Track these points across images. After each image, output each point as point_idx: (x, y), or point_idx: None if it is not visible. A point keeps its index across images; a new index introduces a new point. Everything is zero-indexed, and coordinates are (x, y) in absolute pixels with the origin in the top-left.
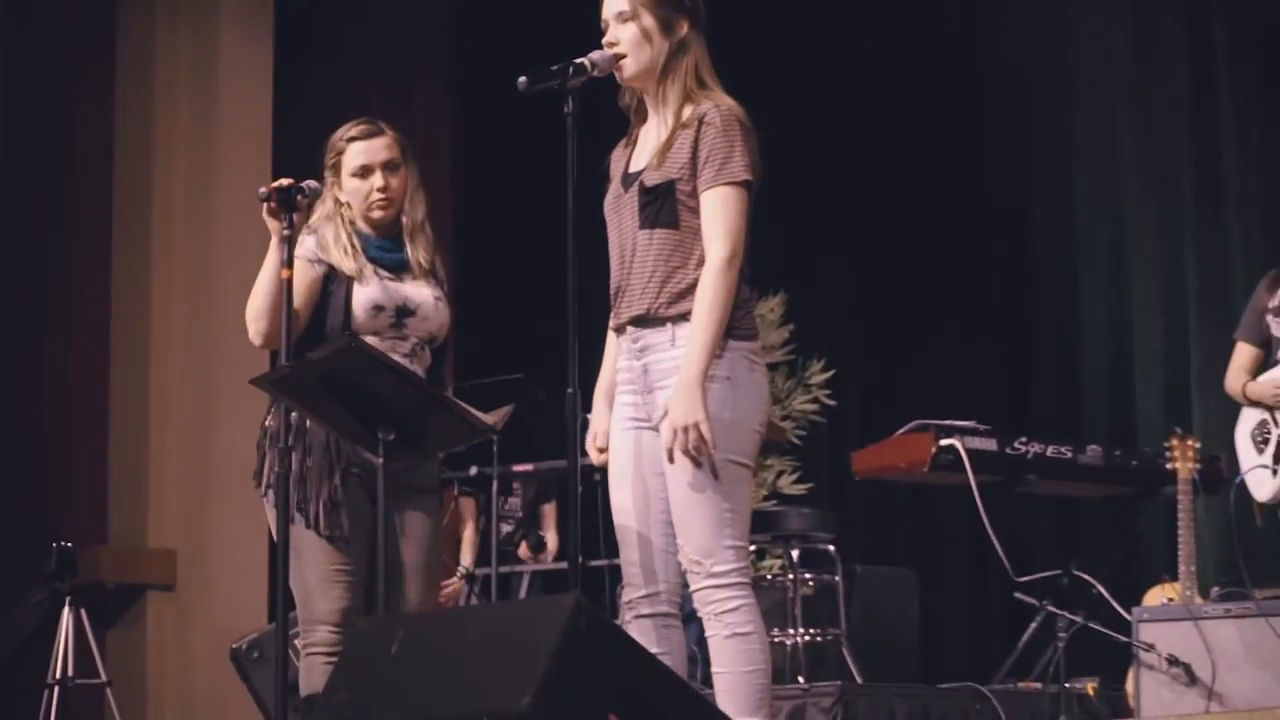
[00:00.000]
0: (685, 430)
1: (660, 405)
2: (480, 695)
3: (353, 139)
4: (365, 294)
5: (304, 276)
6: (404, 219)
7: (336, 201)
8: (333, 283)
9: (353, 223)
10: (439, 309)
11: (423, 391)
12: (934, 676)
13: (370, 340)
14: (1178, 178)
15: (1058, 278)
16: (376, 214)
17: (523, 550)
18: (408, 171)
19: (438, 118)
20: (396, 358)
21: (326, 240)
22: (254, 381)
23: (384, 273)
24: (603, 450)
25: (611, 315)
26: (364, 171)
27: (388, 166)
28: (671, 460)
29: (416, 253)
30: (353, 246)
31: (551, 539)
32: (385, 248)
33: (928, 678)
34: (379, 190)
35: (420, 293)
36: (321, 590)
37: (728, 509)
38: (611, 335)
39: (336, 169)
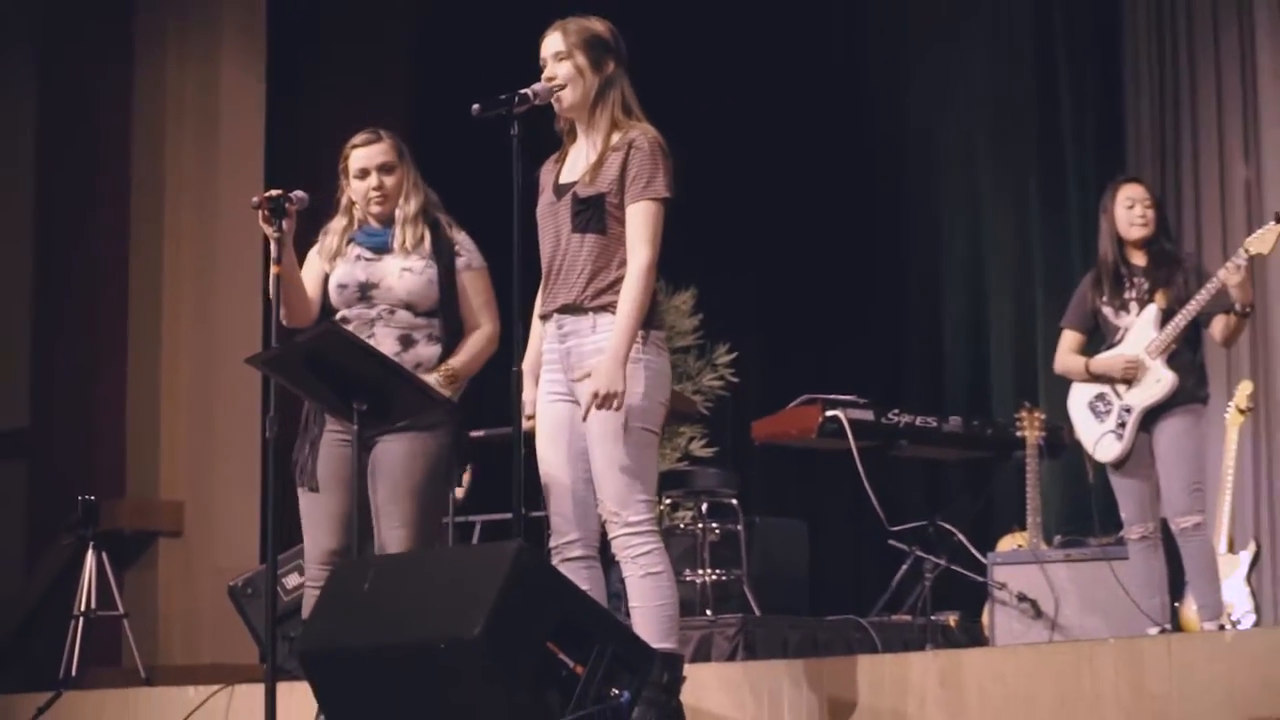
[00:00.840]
0: (605, 397)
1: (580, 373)
2: (439, 626)
3: (355, 146)
4: (334, 277)
5: (311, 269)
6: (398, 210)
7: (348, 200)
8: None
9: (361, 219)
10: (405, 278)
11: (390, 369)
12: (820, 610)
13: (344, 312)
14: (1026, 186)
15: (926, 273)
16: (375, 209)
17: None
18: (403, 171)
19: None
20: (364, 325)
21: (333, 233)
22: (248, 360)
23: (367, 254)
24: (530, 418)
25: (539, 304)
26: (362, 173)
27: (382, 168)
28: (584, 419)
29: (404, 235)
30: (342, 237)
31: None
32: (370, 233)
33: (815, 611)
34: (374, 189)
35: (386, 268)
36: (310, 533)
37: (641, 470)
38: (537, 321)
39: (345, 173)
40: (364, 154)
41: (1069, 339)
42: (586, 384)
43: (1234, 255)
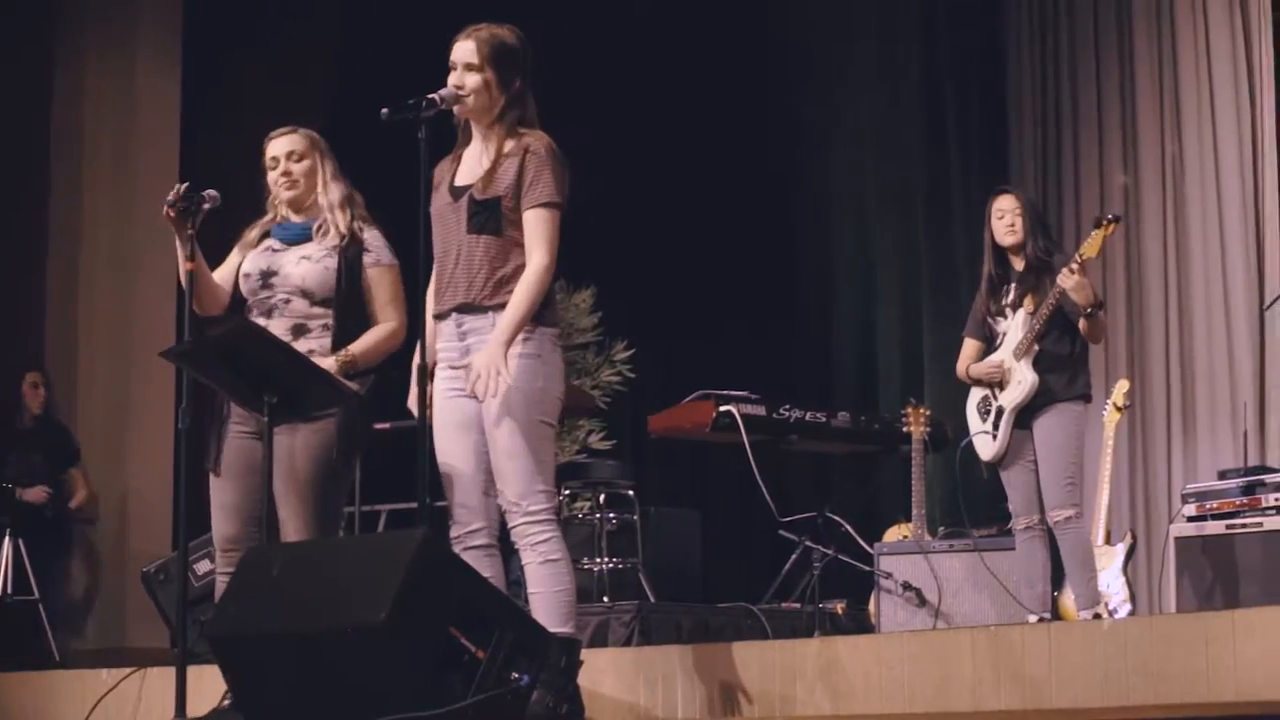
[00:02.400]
0: (486, 373)
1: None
2: (345, 611)
3: (270, 138)
4: (243, 267)
5: (230, 261)
6: (321, 199)
7: (272, 196)
8: None
9: (283, 215)
10: (302, 265)
11: (299, 362)
12: (713, 597)
13: (250, 303)
14: (914, 193)
15: (817, 277)
16: (284, 194)
17: None
18: (315, 162)
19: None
20: (262, 313)
21: (257, 227)
22: (162, 354)
23: (277, 245)
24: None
25: (432, 303)
26: (274, 162)
27: (290, 156)
28: (468, 393)
29: (328, 225)
30: (262, 230)
31: None
32: (288, 227)
33: (707, 598)
34: (282, 175)
35: (287, 257)
36: (215, 521)
37: (539, 460)
38: (430, 321)
39: (264, 168)
40: (276, 144)
41: (967, 347)
42: (471, 366)
43: (1070, 261)
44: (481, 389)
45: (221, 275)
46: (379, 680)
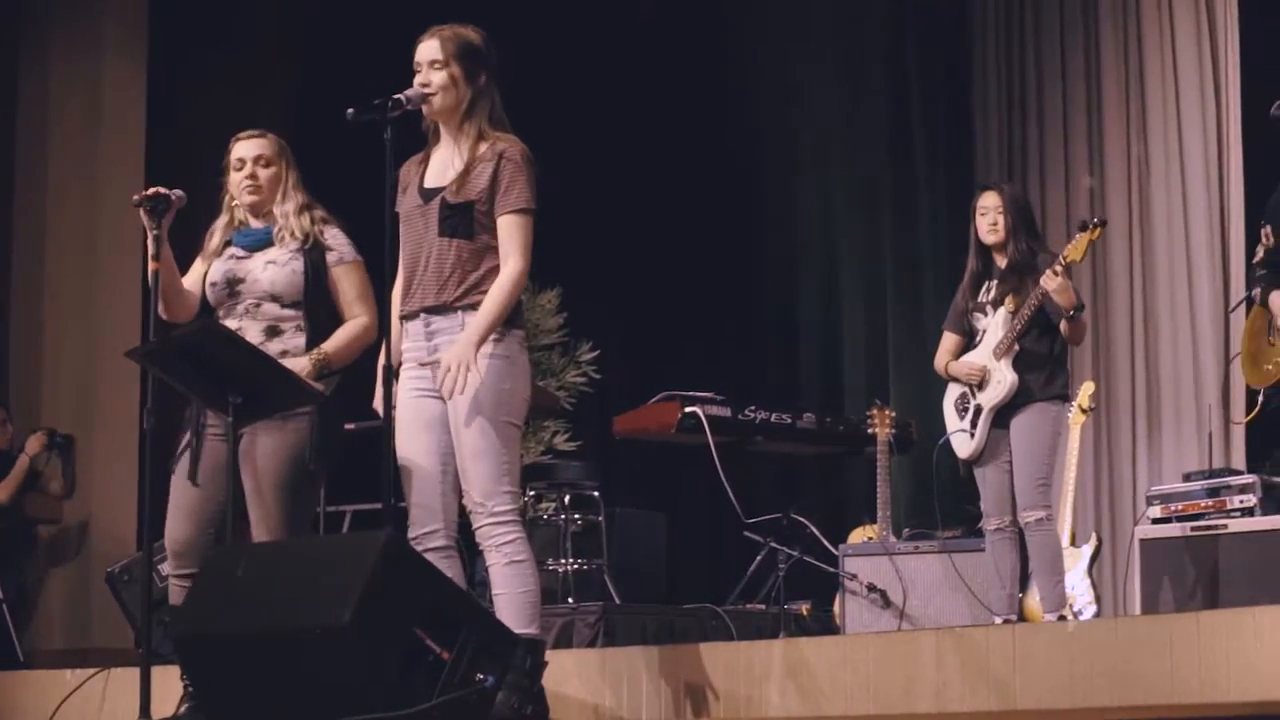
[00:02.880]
0: (457, 368)
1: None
2: (309, 612)
3: (238, 139)
4: (209, 275)
5: (195, 269)
6: (277, 209)
7: (229, 198)
8: None
9: (242, 219)
10: (269, 270)
11: (263, 363)
12: (678, 599)
13: (219, 312)
14: (879, 194)
15: (783, 278)
16: (247, 198)
17: None
18: (280, 170)
19: (277, 132)
20: (233, 319)
21: (216, 232)
22: (128, 354)
23: (240, 252)
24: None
25: (399, 304)
26: (240, 164)
27: (258, 160)
28: (439, 387)
29: (284, 232)
30: (223, 236)
31: None
32: (248, 233)
33: (673, 600)
34: (248, 178)
35: (252, 263)
36: (172, 522)
37: (505, 461)
38: (397, 321)
39: (228, 167)
40: (244, 146)
41: (946, 340)
42: (441, 363)
43: (1053, 263)
44: (450, 384)
45: (189, 282)
46: (344, 681)
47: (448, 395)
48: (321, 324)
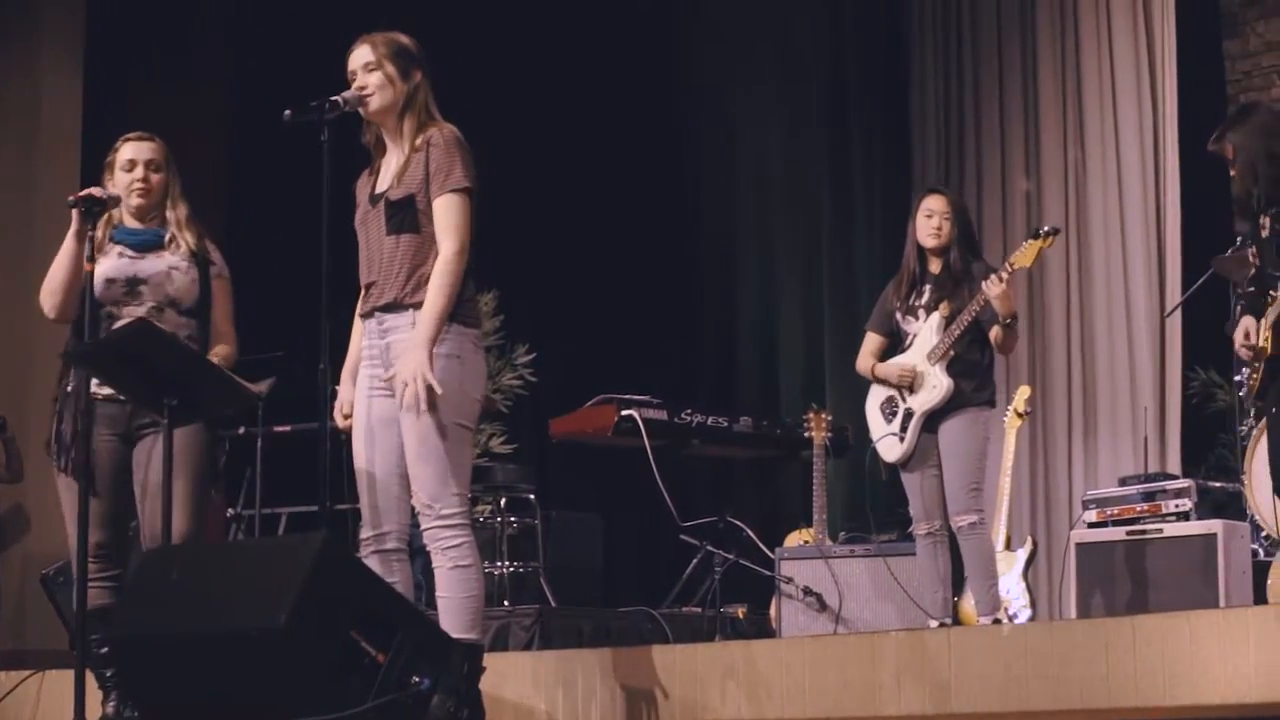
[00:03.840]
0: (413, 381)
1: (389, 375)
2: (245, 614)
3: (127, 140)
4: (100, 271)
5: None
6: (169, 214)
7: (103, 187)
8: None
9: (119, 218)
10: (174, 276)
11: (201, 364)
12: (614, 602)
13: (111, 308)
14: (816, 197)
15: (720, 283)
16: (135, 200)
17: None
18: (169, 176)
19: (216, 136)
20: (127, 318)
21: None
22: (63, 355)
23: (129, 252)
24: (347, 417)
25: (360, 305)
26: (130, 165)
27: (150, 164)
28: (401, 407)
29: (180, 238)
30: (104, 233)
31: None
32: (131, 231)
33: (609, 602)
34: (139, 180)
35: (156, 265)
36: (85, 528)
37: (454, 463)
38: (358, 321)
39: (111, 166)
40: (136, 147)
41: (869, 341)
42: (395, 379)
43: (999, 269)
44: (410, 400)
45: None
46: (279, 683)
47: (407, 410)
48: (207, 333)
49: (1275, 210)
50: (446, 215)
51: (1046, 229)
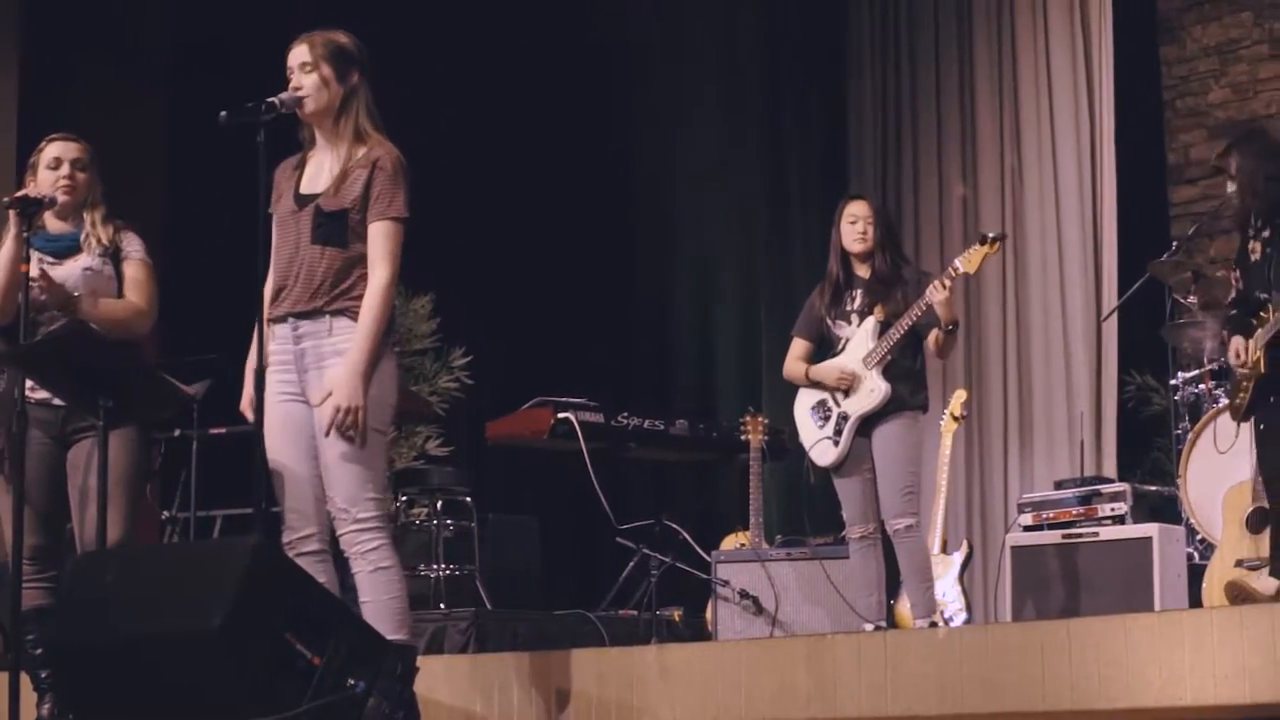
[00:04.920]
0: (348, 411)
1: (317, 382)
2: (180, 617)
3: (53, 140)
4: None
5: None
6: (86, 215)
7: (22, 187)
8: None
9: (39, 224)
10: (88, 276)
11: (137, 366)
12: (550, 605)
13: (33, 315)
14: (753, 202)
15: (657, 286)
16: (61, 198)
17: None
18: (92, 178)
19: (153, 138)
20: (46, 323)
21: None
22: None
23: (48, 259)
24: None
25: (269, 307)
26: (56, 163)
27: (76, 164)
28: (326, 434)
29: (91, 239)
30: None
31: None
32: (50, 238)
33: (545, 605)
34: (65, 178)
35: (73, 269)
36: (21, 531)
37: (370, 468)
38: (266, 323)
39: (34, 167)
40: (61, 146)
41: (797, 346)
42: (328, 402)
43: (943, 274)
44: (342, 429)
45: None
46: (214, 686)
47: (338, 435)
48: None
49: (1269, 234)
50: (382, 243)
51: (993, 235)
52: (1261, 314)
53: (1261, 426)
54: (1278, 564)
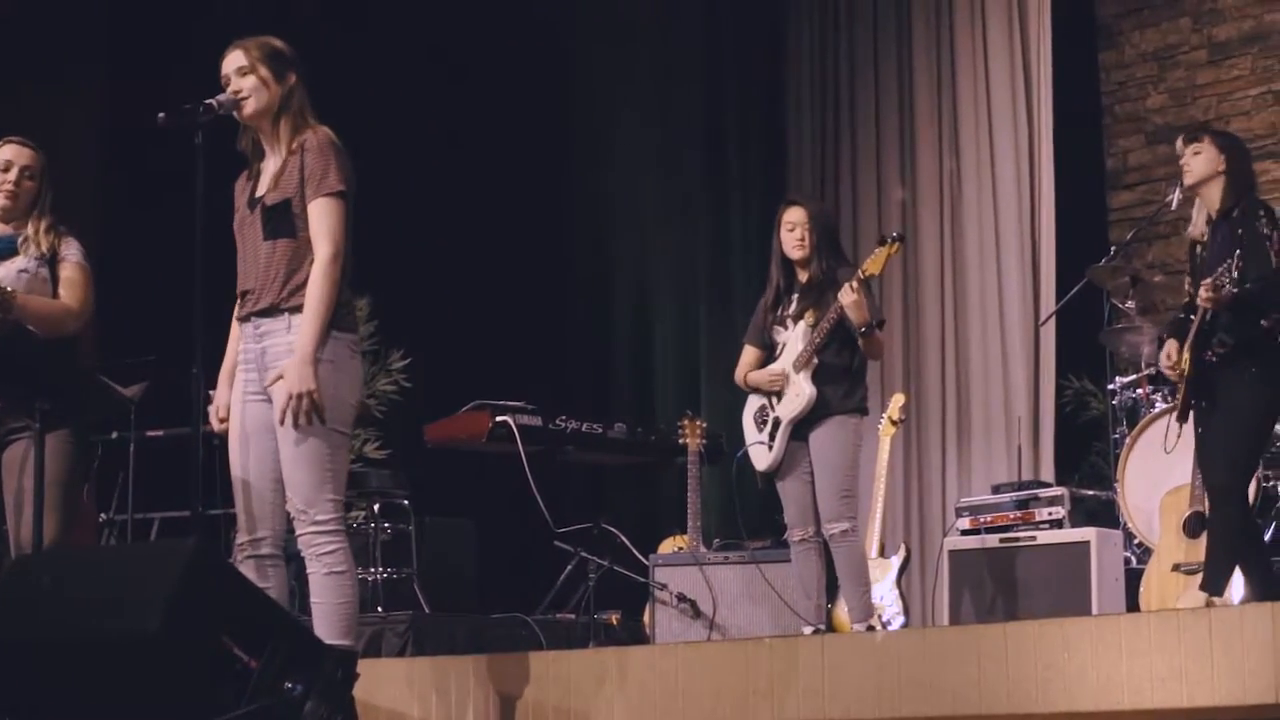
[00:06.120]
0: (298, 397)
1: (272, 377)
2: (117, 620)
3: (9, 142)
4: None
5: None
6: (31, 224)
7: None
8: None
9: None
10: (21, 278)
11: (74, 368)
12: (488, 608)
13: None
14: (693, 211)
15: (596, 289)
16: (2, 201)
17: None
18: (40, 186)
19: (91, 139)
20: None
21: None
22: None
23: None
24: (223, 420)
25: (237, 309)
26: (7, 166)
27: (25, 170)
28: (282, 423)
29: (30, 244)
30: None
31: None
32: None
33: (482, 609)
34: (10, 183)
35: (7, 269)
36: None
37: (329, 469)
38: (235, 325)
39: None
40: (15, 150)
41: (746, 353)
42: (279, 386)
43: (850, 278)
44: (293, 416)
45: None
46: (151, 689)
47: (290, 423)
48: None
49: (1203, 241)
50: (321, 220)
51: (894, 235)
52: (1193, 317)
53: (1199, 430)
54: (1210, 578)
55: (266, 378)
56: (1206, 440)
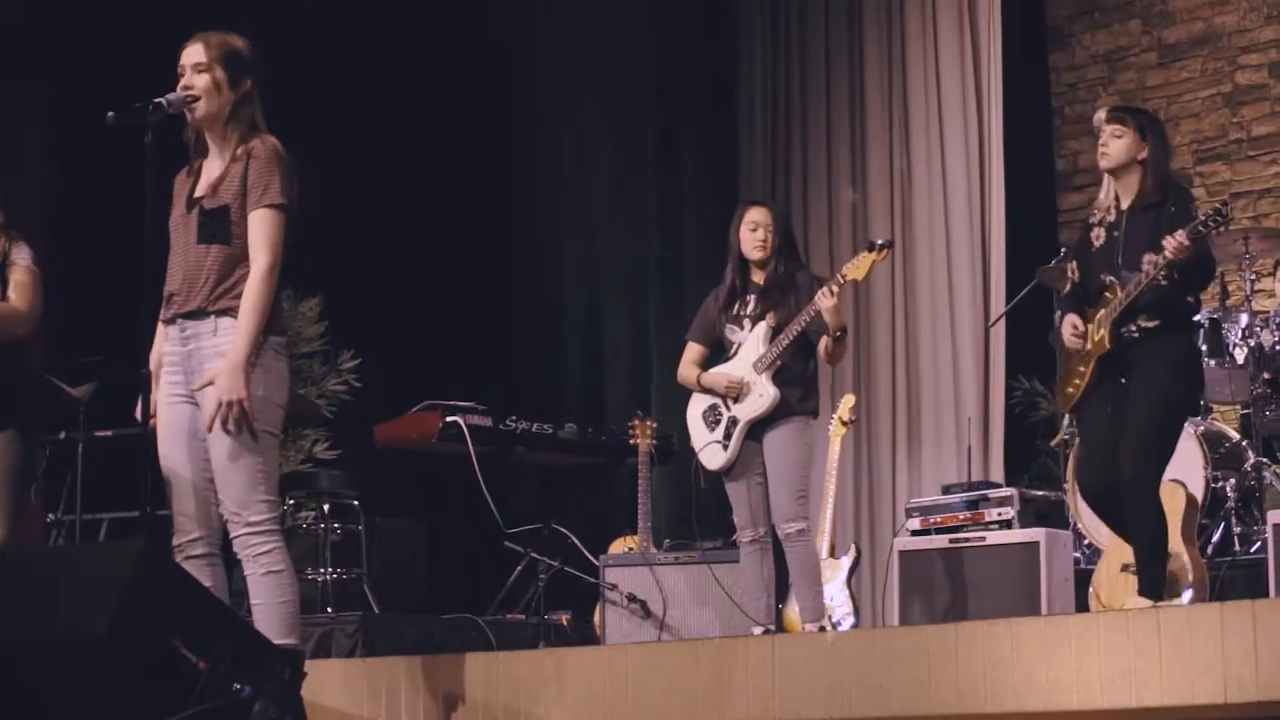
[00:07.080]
0: (230, 405)
1: (202, 382)
2: (64, 622)
3: None
4: None
5: None
6: None
7: None
8: None
9: None
10: None
11: (19, 366)
12: (438, 609)
13: None
14: (644, 211)
15: (546, 289)
16: None
17: None
18: None
19: (37, 139)
20: None
21: None
22: None
23: None
24: (153, 418)
25: (164, 310)
26: None
27: None
28: (211, 429)
29: None
30: None
31: None
32: None
33: (433, 609)
34: None
35: None
36: None
37: (260, 470)
38: (161, 326)
39: None
40: None
41: (691, 350)
42: (209, 392)
43: (831, 281)
44: (222, 423)
45: None
46: (99, 691)
47: (222, 430)
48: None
49: (1112, 222)
50: (261, 230)
51: (881, 242)
52: (1106, 294)
53: (1109, 408)
54: (1145, 583)
55: (193, 381)
56: (1117, 421)
